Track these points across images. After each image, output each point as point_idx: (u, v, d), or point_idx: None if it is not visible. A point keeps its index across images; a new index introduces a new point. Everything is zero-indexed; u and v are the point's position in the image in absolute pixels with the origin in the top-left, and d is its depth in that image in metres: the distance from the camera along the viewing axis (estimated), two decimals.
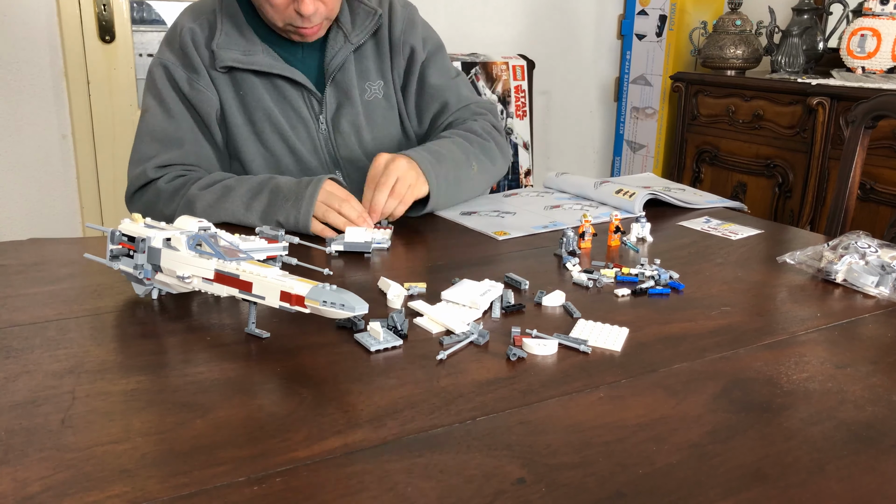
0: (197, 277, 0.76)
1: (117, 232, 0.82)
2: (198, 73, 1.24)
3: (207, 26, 1.26)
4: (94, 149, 2.43)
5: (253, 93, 1.27)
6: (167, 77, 1.25)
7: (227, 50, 1.24)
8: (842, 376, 0.70)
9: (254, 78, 1.27)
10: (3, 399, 0.62)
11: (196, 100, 1.24)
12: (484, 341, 0.75)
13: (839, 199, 1.48)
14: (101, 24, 2.36)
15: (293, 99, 1.29)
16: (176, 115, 1.24)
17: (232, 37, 1.25)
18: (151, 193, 1.22)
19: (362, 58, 1.34)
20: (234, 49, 1.24)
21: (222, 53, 1.24)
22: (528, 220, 1.20)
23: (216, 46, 1.24)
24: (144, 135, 1.25)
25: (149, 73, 1.28)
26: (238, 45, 1.25)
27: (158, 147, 1.23)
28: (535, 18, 3.19)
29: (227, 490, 0.51)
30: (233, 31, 1.26)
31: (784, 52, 2.68)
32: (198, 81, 1.24)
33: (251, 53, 1.25)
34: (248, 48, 1.25)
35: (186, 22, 1.26)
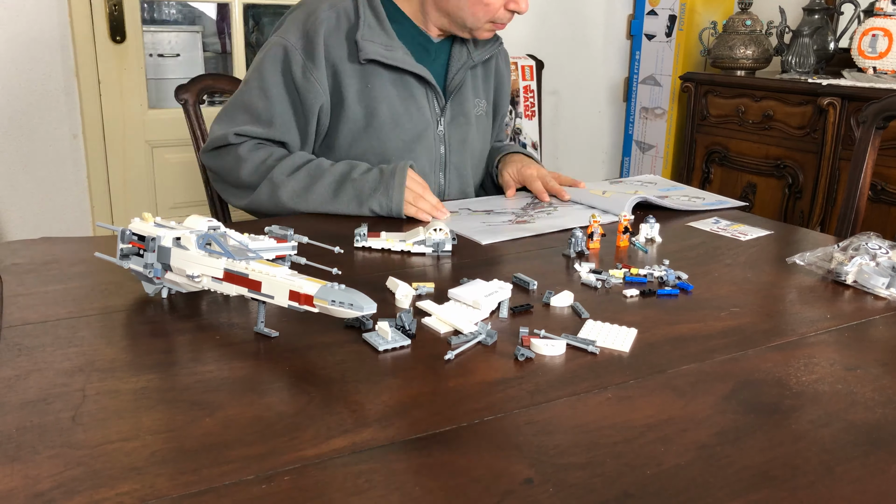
0: (206, 276, 0.77)
1: (128, 231, 0.83)
2: (314, 64, 1.24)
3: (345, 16, 1.26)
4: (104, 148, 2.45)
5: (381, 86, 1.28)
6: (282, 59, 1.24)
7: (370, 42, 1.25)
8: (852, 378, 0.70)
9: (384, 72, 1.28)
10: (15, 396, 0.62)
11: (304, 89, 1.24)
12: (492, 341, 0.75)
13: (850, 199, 1.47)
14: (113, 24, 2.37)
15: (419, 97, 1.32)
16: (273, 97, 1.25)
17: (374, 29, 1.27)
18: (231, 158, 1.24)
19: (475, 75, 1.42)
20: (377, 42, 1.26)
21: (366, 45, 1.24)
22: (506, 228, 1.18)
23: (360, 37, 1.24)
24: (237, 104, 1.27)
25: (266, 45, 1.28)
26: (380, 38, 1.26)
27: (247, 118, 1.25)
28: (544, 18, 3.19)
29: (235, 488, 0.51)
30: (375, 24, 1.27)
31: (794, 53, 2.67)
32: (312, 72, 1.24)
33: (391, 49, 1.27)
34: (388, 43, 1.27)
35: (324, 10, 1.26)
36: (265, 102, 1.25)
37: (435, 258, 1.01)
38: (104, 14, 2.36)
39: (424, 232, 1.03)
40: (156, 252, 0.80)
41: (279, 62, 1.25)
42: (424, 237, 1.03)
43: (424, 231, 1.03)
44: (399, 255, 1.03)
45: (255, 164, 1.22)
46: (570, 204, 1.33)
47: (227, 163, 1.25)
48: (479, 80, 1.44)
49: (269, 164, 1.22)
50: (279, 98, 1.25)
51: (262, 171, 1.22)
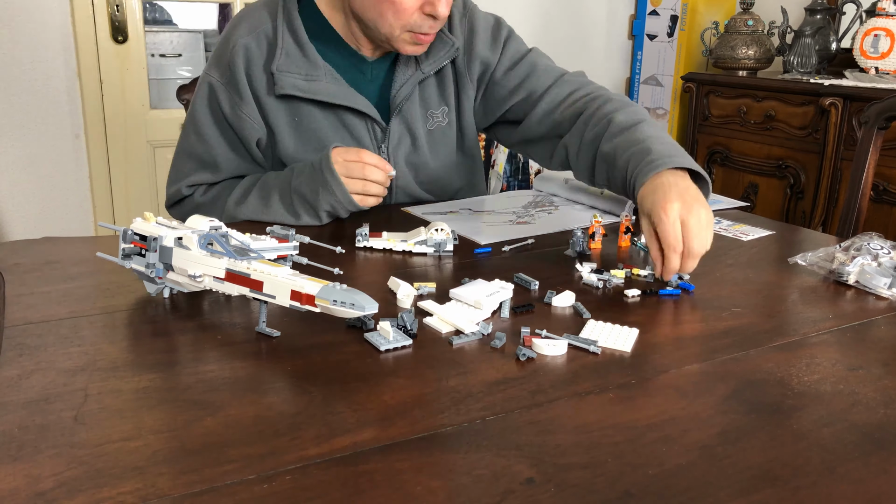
0: (208, 276, 0.77)
1: (129, 231, 0.83)
2: (242, 99, 1.16)
3: (266, 42, 1.16)
4: (106, 148, 2.45)
5: (310, 120, 1.19)
6: (208, 97, 1.19)
7: (287, 74, 1.14)
8: (853, 378, 0.70)
9: (312, 105, 1.18)
10: (17, 396, 0.62)
11: (237, 125, 1.18)
12: (501, 344, 0.74)
13: (852, 200, 1.47)
14: (114, 24, 2.37)
15: (354, 128, 1.21)
16: (210, 140, 1.20)
17: (293, 57, 1.15)
18: (189, 208, 1.23)
19: (424, 86, 1.26)
20: (296, 73, 1.15)
21: (283, 78, 1.14)
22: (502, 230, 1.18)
23: (276, 69, 1.14)
24: (181, 154, 1.24)
25: (195, 91, 1.23)
26: (300, 67, 1.15)
27: (194, 166, 1.22)
28: (546, 18, 3.19)
29: (237, 488, 0.51)
30: (294, 49, 1.16)
31: (796, 53, 2.67)
32: (241, 108, 1.16)
33: (314, 79, 1.16)
34: (310, 72, 1.16)
35: (241, 36, 1.16)
36: (204, 146, 1.20)
37: (436, 258, 1.01)
38: (106, 14, 2.36)
39: (426, 232, 1.03)
40: (157, 252, 0.80)
41: (206, 101, 1.19)
42: (426, 237, 1.03)
43: (426, 231, 1.03)
44: (400, 255, 1.03)
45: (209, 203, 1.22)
46: (570, 204, 1.33)
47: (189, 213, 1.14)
48: (432, 87, 1.26)
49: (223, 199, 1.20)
50: (216, 140, 1.19)
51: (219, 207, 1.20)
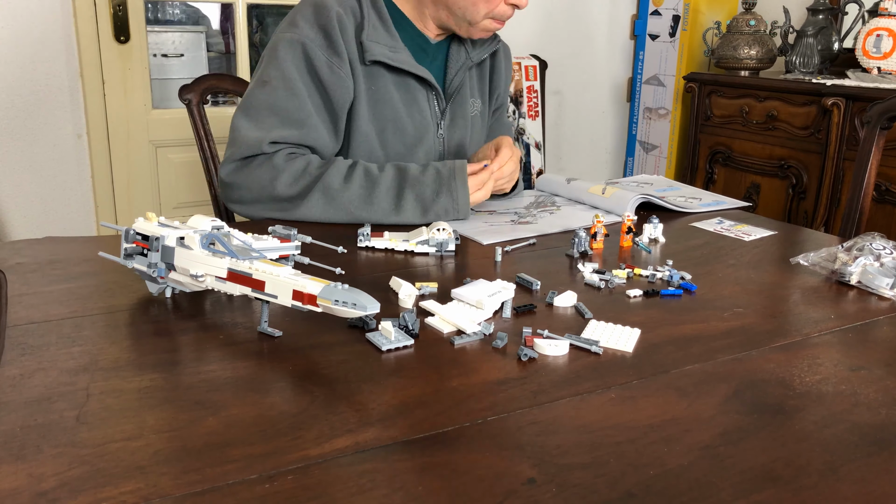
0: (210, 276, 0.77)
1: (131, 230, 0.83)
2: (340, 59, 1.20)
3: (353, 15, 1.23)
4: (108, 148, 2.45)
5: (385, 90, 1.26)
6: (303, 55, 1.19)
7: (375, 43, 1.22)
8: (855, 379, 0.69)
9: (388, 74, 1.26)
10: (19, 395, 0.62)
11: (333, 85, 1.20)
12: (503, 344, 0.74)
13: (854, 200, 1.47)
14: (117, 24, 2.38)
15: (420, 100, 1.30)
16: (300, 94, 1.19)
17: (378, 30, 1.24)
18: (265, 170, 1.16)
19: (470, 76, 1.40)
20: (382, 43, 1.23)
21: (372, 46, 1.22)
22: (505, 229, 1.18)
23: (366, 38, 1.22)
24: (262, 106, 1.19)
25: (278, 45, 1.21)
26: (384, 39, 1.24)
27: (276, 122, 1.18)
28: (548, 19, 3.18)
29: (238, 487, 0.51)
30: (378, 24, 1.25)
31: (798, 53, 2.67)
32: (340, 67, 1.20)
33: (395, 50, 1.25)
34: (392, 44, 1.25)
35: (333, 5, 1.22)
36: (291, 100, 1.18)
37: (438, 258, 1.01)
38: (108, 14, 2.36)
39: (427, 232, 1.03)
40: (159, 252, 0.80)
41: (302, 60, 1.19)
42: (427, 237, 1.03)
43: (427, 231, 1.03)
44: (402, 255, 1.03)
45: (293, 175, 1.15)
46: (572, 204, 1.33)
47: (259, 176, 1.16)
48: (476, 79, 1.42)
49: (310, 172, 1.15)
50: (306, 95, 1.19)
51: (303, 181, 1.15)
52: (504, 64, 1.47)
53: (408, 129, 1.29)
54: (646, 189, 1.41)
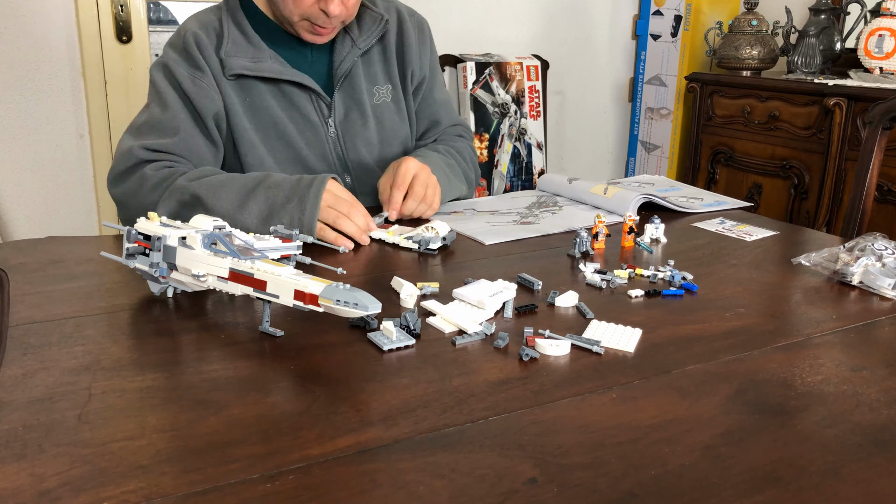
0: (212, 276, 0.77)
1: (133, 230, 0.83)
2: (202, 72, 1.22)
3: (214, 34, 1.25)
4: (110, 148, 2.45)
5: (260, 99, 1.26)
6: (166, 75, 1.23)
7: (235, 57, 1.23)
8: (857, 379, 0.69)
9: (261, 85, 1.26)
10: (21, 395, 0.62)
11: (197, 96, 1.21)
12: (504, 344, 0.74)
13: (856, 200, 1.47)
14: (119, 24, 2.38)
15: (302, 104, 1.28)
16: (171, 106, 1.21)
17: (239, 44, 1.24)
18: (136, 180, 1.17)
19: (369, 63, 1.35)
20: (243, 56, 1.24)
21: (231, 61, 1.22)
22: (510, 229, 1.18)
23: (224, 54, 1.23)
24: (141, 124, 1.22)
25: (151, 72, 1.26)
26: (246, 51, 1.24)
27: (151, 133, 1.20)
28: (550, 19, 3.18)
29: (240, 487, 0.51)
30: (240, 37, 1.25)
31: (800, 53, 2.67)
32: (201, 80, 1.22)
33: (259, 60, 1.24)
34: (256, 55, 1.24)
35: (192, 27, 1.25)
36: (164, 112, 1.21)
37: (435, 256, 1.01)
38: (110, 14, 2.36)
39: (422, 229, 1.04)
40: (161, 251, 0.80)
41: (165, 79, 1.23)
42: (415, 233, 1.03)
43: (422, 229, 1.04)
44: (405, 255, 1.03)
45: (158, 180, 1.15)
46: (574, 204, 1.33)
47: (130, 186, 1.17)
48: (377, 65, 1.36)
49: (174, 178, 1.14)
50: (176, 106, 1.21)
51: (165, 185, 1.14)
52: (416, 38, 1.38)
53: (292, 135, 1.27)
54: (647, 189, 1.41)
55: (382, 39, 1.36)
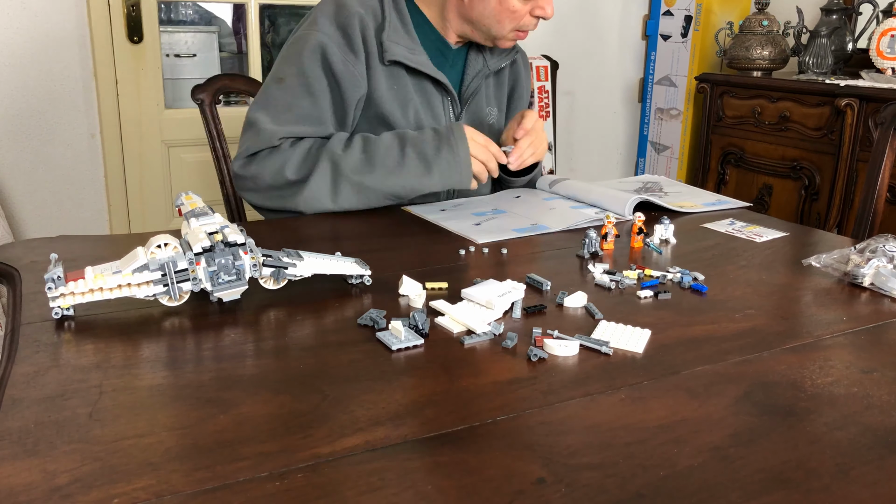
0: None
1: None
2: (356, 56, 1.23)
3: (373, 16, 1.25)
4: (121, 148, 2.47)
5: (404, 90, 1.28)
6: (320, 53, 1.21)
7: (395, 44, 1.25)
8: (868, 381, 0.69)
9: (405, 76, 1.28)
10: (33, 392, 0.63)
11: (346, 81, 1.22)
12: (513, 344, 0.75)
13: (867, 201, 1.46)
14: (130, 24, 2.39)
15: (436, 105, 1.32)
16: (315, 93, 1.22)
17: (399, 32, 1.27)
18: (276, 159, 1.19)
19: (487, 84, 1.41)
20: (402, 44, 1.26)
21: (392, 47, 1.24)
22: (511, 223, 1.18)
23: (386, 38, 1.24)
24: (279, 103, 1.22)
25: (299, 40, 1.24)
26: (404, 40, 1.26)
27: (291, 118, 1.21)
28: (559, 19, 3.18)
29: (249, 485, 0.51)
30: (399, 25, 1.27)
31: (812, 53, 2.65)
32: (354, 64, 1.23)
33: (414, 52, 1.27)
34: (412, 46, 1.27)
35: (355, 6, 1.24)
36: (310, 100, 1.21)
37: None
38: (122, 14, 2.38)
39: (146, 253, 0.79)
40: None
41: (318, 56, 1.21)
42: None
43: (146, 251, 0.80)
44: (412, 255, 1.03)
45: (300, 156, 1.18)
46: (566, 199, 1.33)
47: (270, 164, 1.19)
48: (492, 87, 1.43)
49: (314, 152, 1.18)
50: (322, 94, 1.22)
51: (310, 160, 1.17)
52: (524, 73, 1.48)
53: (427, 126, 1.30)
54: (651, 188, 1.41)
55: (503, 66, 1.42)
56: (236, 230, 0.82)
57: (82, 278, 0.77)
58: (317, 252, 0.90)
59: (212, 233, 0.80)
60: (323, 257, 0.88)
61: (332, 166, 1.17)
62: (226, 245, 0.80)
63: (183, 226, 0.86)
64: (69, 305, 0.77)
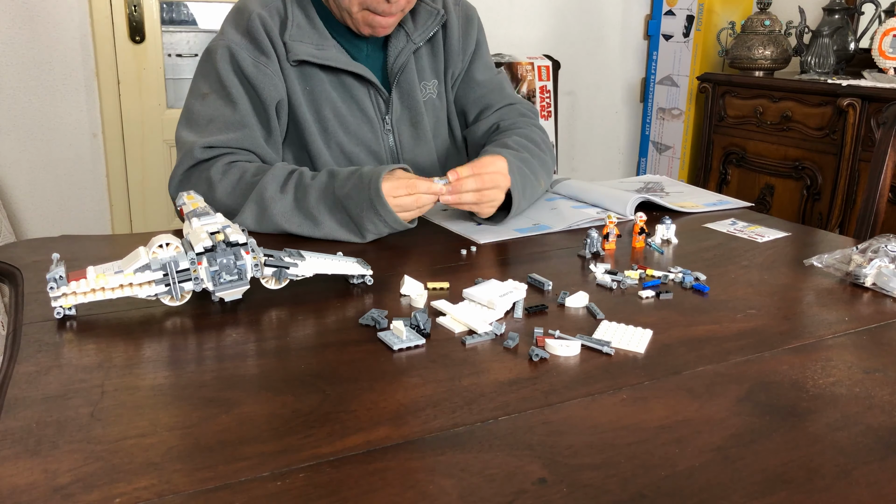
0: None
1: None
2: (267, 57, 1.19)
3: (277, 16, 1.21)
4: (123, 148, 2.47)
5: (321, 88, 1.23)
6: (230, 60, 1.18)
7: (299, 42, 1.20)
8: (870, 381, 0.69)
9: (321, 73, 1.23)
10: (35, 392, 0.63)
11: (261, 83, 1.18)
12: (514, 344, 0.75)
13: (869, 201, 1.46)
14: (132, 24, 2.40)
15: (360, 97, 1.26)
16: (237, 99, 1.18)
17: (304, 29, 1.21)
18: (202, 182, 1.13)
19: (418, 57, 1.32)
20: (307, 42, 1.20)
21: (295, 46, 1.19)
22: (514, 223, 1.17)
23: (289, 38, 1.19)
24: (201, 117, 1.18)
25: (208, 53, 1.21)
26: (310, 38, 1.21)
27: (215, 129, 1.16)
28: (561, 19, 3.18)
29: (250, 484, 0.51)
30: (304, 22, 1.22)
31: (814, 53, 2.65)
32: (266, 65, 1.18)
33: (323, 48, 1.21)
34: (320, 42, 1.21)
35: (255, 7, 1.21)
36: (229, 107, 1.17)
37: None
38: (124, 14, 2.38)
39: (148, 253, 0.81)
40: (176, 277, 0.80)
41: (229, 64, 1.18)
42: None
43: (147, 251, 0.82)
44: (413, 255, 1.03)
45: (230, 185, 1.11)
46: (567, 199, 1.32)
47: (198, 188, 1.13)
48: (426, 59, 1.33)
49: (246, 180, 1.11)
50: (241, 99, 1.18)
51: (239, 189, 1.11)
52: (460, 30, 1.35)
53: (350, 126, 1.25)
54: (651, 188, 1.41)
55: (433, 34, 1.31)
56: (238, 230, 0.82)
57: (84, 278, 0.77)
58: (318, 252, 0.90)
59: (213, 232, 0.80)
60: (324, 257, 0.88)
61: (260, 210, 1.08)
62: (227, 245, 0.80)
63: (185, 226, 0.86)
64: (71, 305, 0.77)
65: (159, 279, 0.78)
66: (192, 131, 1.17)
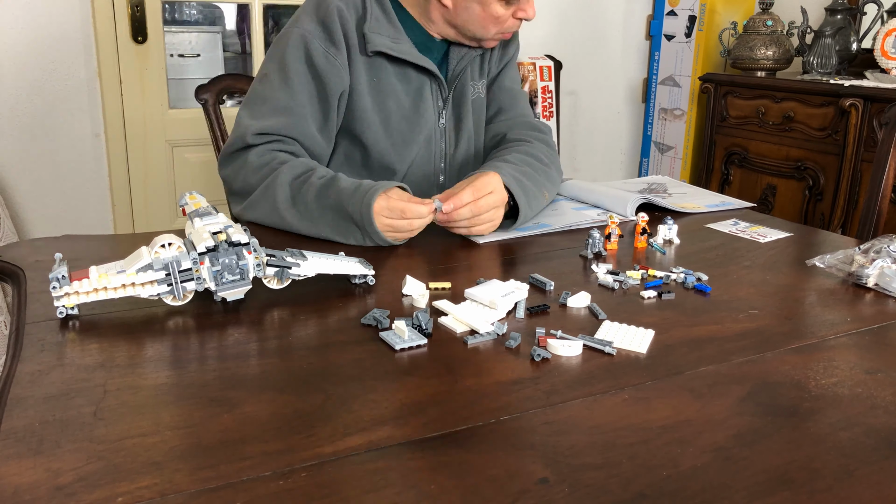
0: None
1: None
2: (337, 49, 1.23)
3: (354, 10, 1.25)
4: (125, 148, 2.47)
5: (388, 80, 1.28)
6: (302, 47, 1.22)
7: (377, 35, 1.24)
8: (872, 382, 0.69)
9: (389, 66, 1.28)
10: (38, 391, 0.63)
11: (329, 74, 1.22)
12: (516, 344, 0.75)
13: (871, 202, 1.46)
14: (134, 24, 2.40)
15: (423, 92, 1.31)
16: (295, 85, 1.22)
17: (381, 22, 1.26)
18: (240, 163, 1.19)
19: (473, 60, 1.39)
20: (384, 35, 1.25)
21: (374, 38, 1.24)
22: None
23: (368, 30, 1.24)
24: (257, 97, 1.23)
25: (282, 37, 1.25)
26: (387, 31, 1.26)
27: (267, 110, 1.21)
28: (563, 19, 3.18)
29: (253, 484, 0.52)
30: (381, 15, 1.26)
31: (816, 53, 2.65)
32: (335, 57, 1.22)
33: (398, 41, 1.26)
34: (395, 35, 1.26)
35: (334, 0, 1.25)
36: (285, 91, 1.22)
37: (443, 255, 1.01)
38: (126, 15, 2.38)
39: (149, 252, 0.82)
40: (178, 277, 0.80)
41: (300, 51, 1.23)
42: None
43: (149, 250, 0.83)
44: (415, 255, 1.03)
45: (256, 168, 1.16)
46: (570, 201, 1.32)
47: (238, 167, 1.19)
48: (477, 62, 1.40)
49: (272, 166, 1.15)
50: (301, 86, 1.22)
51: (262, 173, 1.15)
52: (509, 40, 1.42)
53: (412, 121, 1.30)
54: (654, 189, 1.41)
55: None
56: (240, 230, 0.82)
57: (87, 278, 0.77)
58: (320, 252, 0.90)
59: (216, 232, 0.81)
60: (326, 257, 0.88)
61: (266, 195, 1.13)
62: (230, 245, 0.80)
63: (187, 225, 0.86)
64: (73, 305, 0.77)
65: (161, 279, 0.79)
66: (248, 110, 1.23)
